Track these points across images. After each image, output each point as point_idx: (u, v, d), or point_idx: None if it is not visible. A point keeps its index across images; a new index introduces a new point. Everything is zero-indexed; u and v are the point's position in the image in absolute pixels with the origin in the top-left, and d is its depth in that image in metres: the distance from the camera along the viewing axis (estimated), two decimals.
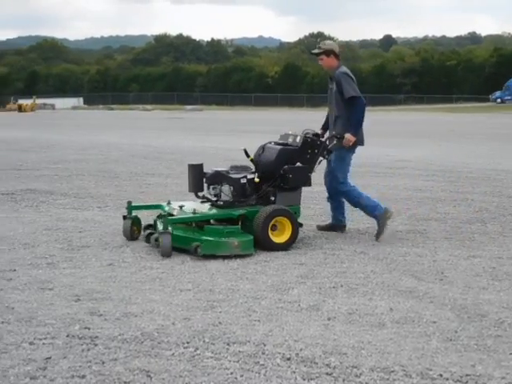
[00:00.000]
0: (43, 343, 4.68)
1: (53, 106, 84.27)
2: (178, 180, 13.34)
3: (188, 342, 4.72)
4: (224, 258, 7.08)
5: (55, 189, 12.15)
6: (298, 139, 8.06)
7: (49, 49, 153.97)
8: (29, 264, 6.89)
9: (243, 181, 7.75)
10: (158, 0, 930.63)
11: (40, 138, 25.91)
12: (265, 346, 4.66)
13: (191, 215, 7.54)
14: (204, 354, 4.51)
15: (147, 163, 16.96)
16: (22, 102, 74.78)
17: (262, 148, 8.15)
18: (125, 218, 8.08)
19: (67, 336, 4.82)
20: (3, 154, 19.15)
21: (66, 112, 70.36)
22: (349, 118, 8.17)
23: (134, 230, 8.02)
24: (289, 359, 4.43)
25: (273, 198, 7.82)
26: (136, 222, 8.10)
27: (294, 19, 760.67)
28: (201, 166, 8.02)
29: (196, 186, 8.00)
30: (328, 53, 8.30)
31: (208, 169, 7.99)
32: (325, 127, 8.66)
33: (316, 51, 8.37)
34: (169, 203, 8.09)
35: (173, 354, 4.51)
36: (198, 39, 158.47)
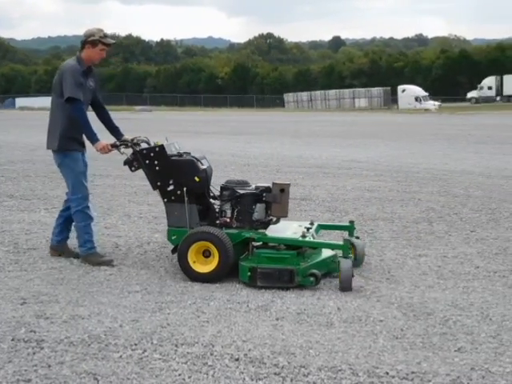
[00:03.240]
0: None
1: None
2: (126, 181, 13.24)
3: (136, 344, 4.70)
4: (172, 258, 7.03)
5: (1, 190, 11.98)
6: (178, 146, 7.27)
7: None
8: None
9: None
10: (106, 0, 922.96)
11: None
12: (213, 347, 4.66)
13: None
14: (152, 356, 4.50)
15: (96, 164, 16.77)
16: None
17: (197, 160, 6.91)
18: None
19: (12, 340, 4.76)
20: None
21: (13, 112, 69.37)
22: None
23: None
24: (237, 360, 4.44)
25: None
26: None
27: (243, 20, 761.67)
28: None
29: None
30: None
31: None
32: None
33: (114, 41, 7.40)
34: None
35: (120, 356, 4.49)
36: (147, 40, 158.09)
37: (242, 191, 6.79)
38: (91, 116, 7.00)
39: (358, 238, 7.26)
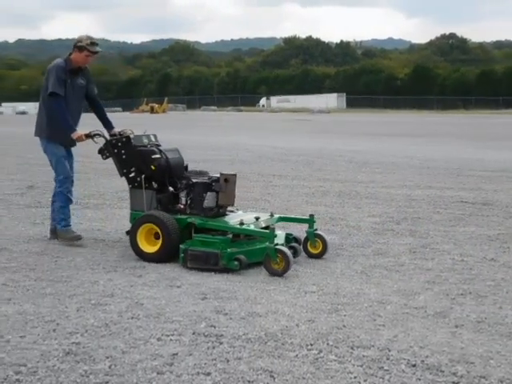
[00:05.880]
0: (170, 339, 4.78)
1: (184, 108, 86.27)
2: (304, 182, 13.36)
3: (312, 344, 4.71)
4: (349, 260, 7.07)
5: None
6: (153, 138, 7.97)
7: (180, 51, 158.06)
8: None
9: None
10: (287, 3, 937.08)
11: (170, 139, 26.43)
12: (389, 351, 4.60)
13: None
14: (327, 357, 4.49)
15: (274, 164, 17.08)
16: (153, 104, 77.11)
17: (160, 151, 7.54)
18: None
19: (193, 333, 4.91)
20: None
21: (197, 114, 71.76)
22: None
23: None
24: (414, 366, 4.35)
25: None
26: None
27: (423, 20, 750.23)
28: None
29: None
30: None
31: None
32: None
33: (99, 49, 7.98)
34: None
35: (296, 355, 4.52)
36: (327, 41, 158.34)
37: (195, 180, 7.38)
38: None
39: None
